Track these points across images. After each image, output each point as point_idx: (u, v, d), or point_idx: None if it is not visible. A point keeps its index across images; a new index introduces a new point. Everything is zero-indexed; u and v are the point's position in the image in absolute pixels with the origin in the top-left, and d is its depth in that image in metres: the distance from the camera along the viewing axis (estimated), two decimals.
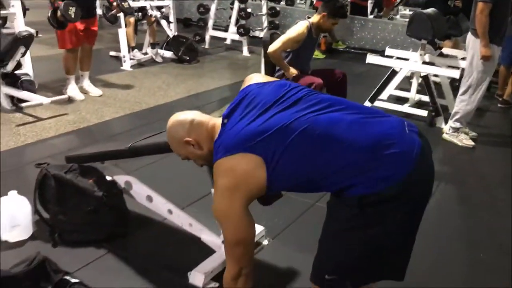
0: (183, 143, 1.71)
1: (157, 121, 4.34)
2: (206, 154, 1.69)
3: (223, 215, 1.56)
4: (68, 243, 2.47)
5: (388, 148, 1.43)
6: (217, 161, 1.55)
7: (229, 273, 1.61)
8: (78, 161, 2.64)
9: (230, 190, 1.51)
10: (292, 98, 1.56)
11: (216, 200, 1.56)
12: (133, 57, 6.18)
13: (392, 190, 1.42)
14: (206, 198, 3.03)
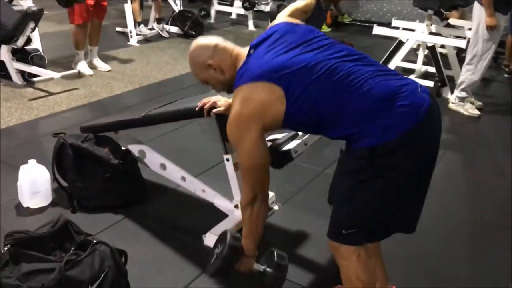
0: (205, 66, 1.72)
1: (166, 94, 4.41)
2: (227, 80, 1.72)
3: (239, 140, 1.61)
4: (86, 209, 2.58)
5: (399, 100, 1.49)
6: (240, 86, 1.59)
7: (245, 199, 1.70)
8: (93, 131, 2.72)
9: (249, 117, 1.55)
10: (319, 42, 1.61)
11: (233, 124, 1.60)
12: (139, 33, 6.21)
13: (400, 139, 1.47)
14: (217, 167, 3.11)
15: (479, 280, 2.29)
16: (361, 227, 1.61)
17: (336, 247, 1.66)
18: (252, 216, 1.71)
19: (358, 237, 1.62)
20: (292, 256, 2.35)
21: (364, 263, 1.64)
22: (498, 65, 5.97)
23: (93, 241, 1.99)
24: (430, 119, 1.52)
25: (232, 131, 1.62)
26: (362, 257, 1.64)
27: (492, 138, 4.15)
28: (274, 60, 1.56)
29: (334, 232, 1.66)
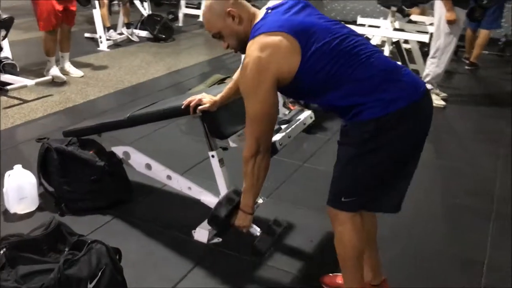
0: (224, 13, 1.70)
1: (143, 97, 4.45)
2: (242, 32, 1.72)
3: (251, 90, 1.65)
4: (75, 211, 2.60)
5: (401, 77, 1.63)
6: (258, 35, 1.62)
7: (249, 150, 1.75)
8: (77, 135, 2.75)
9: (268, 62, 1.59)
10: (331, 21, 1.71)
11: (246, 73, 1.63)
12: (109, 38, 6.21)
13: (401, 112, 1.59)
14: (200, 165, 3.20)
15: (456, 255, 2.45)
16: (359, 195, 1.73)
17: (334, 213, 1.78)
18: (254, 168, 1.76)
19: (355, 204, 1.74)
20: (279, 245, 2.46)
21: (358, 229, 1.77)
22: (459, 58, 6.24)
23: (87, 241, 2.04)
24: (426, 98, 1.67)
25: (248, 76, 1.63)
26: (357, 223, 1.77)
27: (458, 127, 4.35)
28: (294, 18, 1.65)
29: (334, 199, 1.77)
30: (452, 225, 2.74)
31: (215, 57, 6.07)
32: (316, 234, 2.54)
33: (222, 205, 1.92)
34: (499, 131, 4.10)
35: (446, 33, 4.41)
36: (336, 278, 2.17)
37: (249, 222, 1.92)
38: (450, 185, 3.18)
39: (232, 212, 1.91)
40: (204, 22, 1.80)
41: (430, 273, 2.32)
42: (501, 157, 3.61)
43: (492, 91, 5.30)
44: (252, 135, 1.73)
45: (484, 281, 2.27)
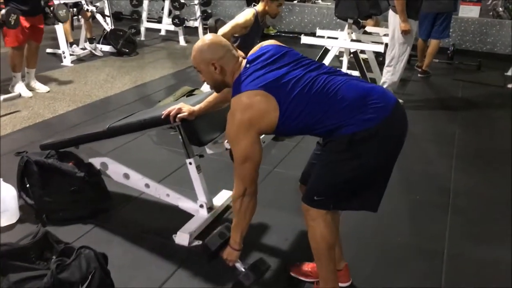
0: (208, 63, 1.93)
1: (112, 110, 4.52)
2: (220, 81, 1.97)
3: (235, 140, 1.87)
4: (56, 222, 2.66)
5: (372, 99, 1.81)
6: (238, 94, 1.85)
7: (236, 192, 1.96)
8: (54, 147, 2.81)
9: (249, 123, 1.81)
10: (303, 62, 1.91)
11: (232, 128, 1.85)
12: (72, 53, 6.22)
13: (375, 128, 1.79)
14: (175, 173, 3.31)
15: (418, 246, 2.67)
16: (329, 196, 1.92)
17: (307, 209, 1.97)
18: (242, 208, 1.97)
19: (326, 203, 1.93)
20: (256, 245, 2.61)
21: (329, 225, 1.96)
22: (412, 67, 6.59)
23: (75, 248, 2.12)
24: (397, 113, 1.85)
25: (232, 133, 1.87)
26: (327, 220, 1.95)
27: (414, 130, 4.60)
28: (270, 73, 1.84)
29: (308, 197, 1.96)
30: (413, 219, 2.97)
31: (180, 70, 6.18)
32: (290, 233, 2.70)
33: (214, 238, 2.12)
34: (451, 133, 4.41)
35: (400, 43, 4.71)
36: (302, 266, 2.35)
37: (235, 258, 2.09)
38: (410, 183, 3.41)
39: (223, 245, 2.11)
40: (192, 54, 1.99)
41: (394, 264, 2.52)
42: (454, 156, 3.89)
43: (443, 97, 5.66)
44: (238, 177, 1.93)
45: (445, 268, 2.48)
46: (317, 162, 1.96)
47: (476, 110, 5.15)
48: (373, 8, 6.05)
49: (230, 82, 1.95)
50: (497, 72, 6.71)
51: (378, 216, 2.80)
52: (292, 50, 1.98)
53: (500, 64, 6.92)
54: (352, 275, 2.29)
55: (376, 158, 1.85)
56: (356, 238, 2.64)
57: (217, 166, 3.34)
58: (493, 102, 5.47)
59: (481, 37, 7.87)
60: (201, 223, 2.65)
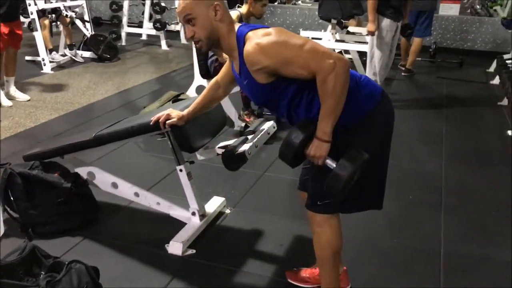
0: (210, 4, 1.73)
1: (96, 117, 4.43)
2: (218, 29, 1.75)
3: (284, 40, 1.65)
4: (43, 235, 2.57)
5: (361, 88, 1.78)
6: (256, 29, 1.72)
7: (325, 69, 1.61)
8: (38, 158, 2.72)
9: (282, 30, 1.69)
10: None
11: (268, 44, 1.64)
12: (52, 60, 6.09)
13: (365, 117, 1.76)
14: (164, 181, 3.25)
15: (414, 246, 2.64)
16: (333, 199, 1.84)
17: (313, 215, 1.91)
18: (337, 84, 1.61)
19: (330, 206, 1.87)
20: (251, 251, 2.55)
21: (335, 230, 1.91)
22: (396, 65, 6.61)
23: (65, 262, 2.04)
24: (385, 100, 1.83)
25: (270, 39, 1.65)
26: (334, 226, 1.90)
27: (401, 129, 4.62)
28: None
29: (311, 203, 1.90)
30: (408, 220, 2.94)
31: (163, 75, 6.10)
32: (285, 238, 2.65)
33: (295, 131, 1.69)
34: (438, 130, 4.41)
35: (376, 44, 4.73)
36: (300, 272, 2.29)
37: (325, 152, 1.70)
38: (402, 183, 3.39)
39: (306, 140, 1.70)
40: (182, 3, 1.77)
41: (392, 266, 2.49)
42: (443, 154, 3.89)
43: (427, 95, 5.68)
44: (317, 57, 1.62)
45: (443, 268, 2.46)
46: (312, 164, 1.88)
47: (462, 107, 5.18)
48: (355, 8, 6.07)
49: (229, 36, 1.76)
50: (479, 68, 6.78)
51: (372, 219, 2.79)
52: None
53: (481, 61, 6.99)
54: (351, 279, 2.25)
55: (370, 147, 1.79)
56: (353, 242, 2.60)
57: (207, 171, 3.28)
58: (477, 99, 5.51)
59: (462, 35, 7.95)
60: (194, 231, 2.59)
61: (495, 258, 2.56)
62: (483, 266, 2.49)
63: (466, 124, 4.67)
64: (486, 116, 4.91)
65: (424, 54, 6.97)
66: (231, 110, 4.11)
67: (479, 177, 3.51)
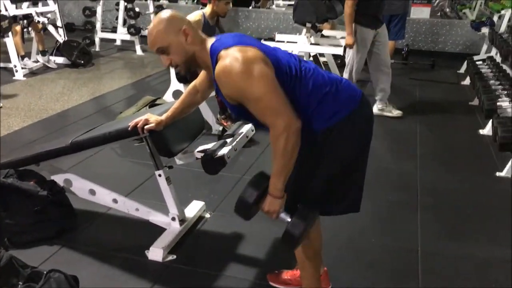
0: (178, 30, 1.75)
1: (71, 124, 4.36)
2: (191, 53, 1.79)
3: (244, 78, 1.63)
4: (20, 245, 2.51)
5: (340, 90, 1.79)
6: (226, 48, 1.68)
7: (275, 131, 1.66)
8: (13, 166, 2.67)
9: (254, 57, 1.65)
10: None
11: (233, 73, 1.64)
12: (24, 66, 5.98)
13: (344, 121, 1.78)
14: (142, 186, 3.22)
15: (393, 245, 2.68)
16: (313, 201, 1.87)
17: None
18: (287, 146, 1.66)
19: (311, 211, 1.85)
20: (233, 255, 2.55)
21: (315, 232, 1.93)
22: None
23: (43, 272, 2.01)
24: (363, 104, 1.85)
25: (237, 74, 1.64)
26: (313, 227, 1.89)
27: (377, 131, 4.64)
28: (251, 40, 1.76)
29: (290, 207, 1.86)
30: (385, 220, 2.98)
31: (138, 80, 6.05)
32: (266, 241, 2.66)
33: (250, 189, 1.76)
34: (412, 131, 4.49)
35: (354, 52, 4.68)
36: (281, 274, 2.30)
37: (279, 207, 1.76)
38: (379, 184, 3.43)
39: (261, 196, 1.76)
40: (151, 36, 1.80)
41: (372, 265, 2.52)
42: (418, 154, 3.96)
43: (401, 96, 5.75)
44: (271, 114, 1.66)
45: (421, 266, 2.50)
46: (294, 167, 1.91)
47: (434, 108, 5.28)
48: (329, 12, 6.13)
49: (201, 55, 1.79)
50: (450, 70, 6.92)
51: (351, 219, 2.80)
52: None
53: (452, 62, 7.14)
54: (331, 280, 2.27)
55: (349, 151, 1.83)
56: (332, 242, 2.62)
57: (185, 176, 3.27)
58: (449, 99, 5.62)
59: (433, 37, 8.11)
60: (174, 236, 2.57)
61: (472, 256, 2.62)
62: (461, 263, 2.55)
63: (439, 124, 4.76)
64: (458, 116, 5.02)
65: (397, 56, 7.08)
66: (209, 114, 4.11)
67: (453, 176, 3.59)
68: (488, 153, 3.97)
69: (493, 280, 2.42)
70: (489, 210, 3.12)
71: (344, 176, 1.87)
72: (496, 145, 3.45)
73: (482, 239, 2.78)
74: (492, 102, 3.95)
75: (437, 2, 9.82)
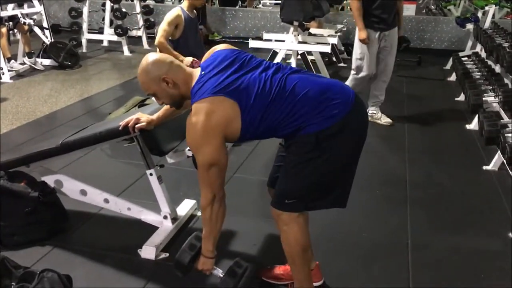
0: (159, 80, 1.87)
1: (59, 126, 4.35)
2: (177, 94, 1.91)
3: (203, 145, 1.79)
4: (11, 246, 2.51)
5: (332, 95, 1.82)
6: (200, 99, 1.78)
7: (204, 200, 1.90)
8: (3, 168, 2.66)
9: (214, 128, 1.76)
10: (254, 62, 1.88)
11: (194, 135, 1.79)
12: (11, 68, 5.93)
13: (337, 124, 1.80)
14: (133, 186, 3.22)
15: (383, 239, 2.72)
16: (301, 197, 1.90)
17: (278, 214, 1.94)
18: (212, 216, 1.91)
19: (298, 205, 1.91)
20: (224, 252, 2.56)
21: (302, 228, 1.96)
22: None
23: (36, 272, 2.01)
24: (357, 106, 1.87)
25: (196, 137, 1.80)
26: (300, 223, 1.94)
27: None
28: (227, 78, 1.79)
29: (278, 202, 1.93)
30: (375, 214, 3.02)
31: (127, 81, 6.03)
32: (257, 238, 2.69)
33: (185, 252, 2.02)
34: (400, 126, 4.54)
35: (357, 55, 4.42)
36: (274, 270, 2.33)
37: (211, 266, 2.03)
38: (369, 179, 3.47)
39: (195, 257, 2.03)
40: (140, 83, 1.93)
41: (363, 259, 2.56)
42: (406, 149, 4.02)
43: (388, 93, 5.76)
44: (204, 183, 1.87)
45: (411, 259, 2.54)
46: (284, 164, 1.94)
47: (421, 104, 5.35)
48: (316, 10, 6.17)
49: (187, 93, 1.90)
50: (436, 66, 7.01)
51: (342, 214, 2.84)
52: (244, 52, 1.95)
53: (438, 59, 7.23)
54: (323, 274, 2.30)
55: (342, 153, 1.86)
56: (323, 237, 2.66)
57: (177, 175, 3.28)
58: (436, 95, 5.70)
59: (419, 34, 8.20)
60: (166, 234, 2.59)
61: (460, 247, 2.66)
62: (450, 255, 2.59)
63: (426, 120, 4.82)
64: (445, 112, 5.08)
65: None
66: None
67: (441, 171, 3.65)
68: (475, 147, 4.04)
69: (482, 271, 2.47)
70: (477, 202, 3.18)
71: (335, 175, 1.90)
72: (483, 139, 3.51)
73: (470, 231, 2.83)
74: (477, 97, 4.01)
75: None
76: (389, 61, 4.52)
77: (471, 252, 2.62)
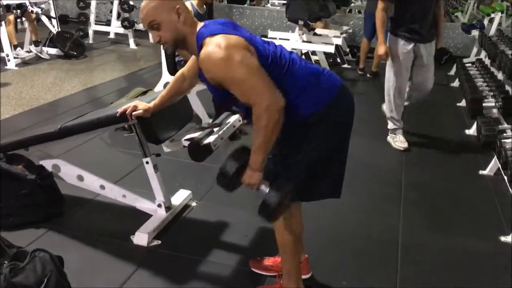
0: (171, 8, 1.76)
1: (62, 113, 4.39)
2: (182, 31, 1.80)
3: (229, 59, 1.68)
4: (7, 227, 2.53)
5: (322, 80, 1.85)
6: (211, 35, 1.73)
7: (258, 109, 1.70)
8: (2, 150, 2.69)
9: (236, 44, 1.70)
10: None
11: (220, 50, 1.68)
12: (17, 56, 5.98)
13: (322, 111, 1.82)
14: (130, 175, 3.25)
15: (374, 237, 2.74)
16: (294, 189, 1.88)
17: None
18: (269, 123, 1.70)
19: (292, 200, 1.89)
20: (216, 242, 2.60)
21: (295, 218, 1.99)
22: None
23: (28, 251, 2.04)
24: (344, 94, 1.90)
25: (219, 56, 1.68)
26: (294, 213, 1.97)
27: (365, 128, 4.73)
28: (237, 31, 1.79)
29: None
30: (368, 212, 3.04)
31: (131, 73, 6.08)
32: (248, 229, 2.71)
33: (231, 161, 1.80)
34: None
35: (392, 70, 4.00)
36: (263, 261, 2.36)
37: (258, 180, 1.80)
38: (364, 177, 3.49)
39: (241, 169, 1.80)
40: (144, 10, 1.80)
41: (352, 254, 2.58)
42: (404, 151, 4.02)
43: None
44: (253, 94, 1.70)
45: (400, 257, 2.56)
46: (270, 156, 1.90)
47: (423, 108, 5.33)
48: (322, 11, 6.20)
49: (192, 38, 1.81)
50: (440, 72, 6.99)
51: (333, 210, 2.87)
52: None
53: (443, 65, 7.22)
54: (312, 267, 2.33)
55: (327, 140, 1.87)
56: (314, 231, 2.68)
57: (173, 166, 3.31)
58: (438, 100, 5.68)
59: None
60: (159, 222, 2.62)
61: (451, 248, 2.68)
62: (440, 255, 2.61)
63: (426, 124, 4.83)
64: (445, 116, 5.10)
65: None
66: (199, 107, 4.14)
67: (437, 173, 3.66)
68: (473, 152, 4.05)
69: (471, 272, 2.49)
70: (470, 205, 3.20)
71: (325, 160, 1.91)
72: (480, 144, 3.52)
73: (462, 233, 2.85)
74: (478, 103, 4.02)
75: None
76: (424, 79, 4.11)
77: (460, 253, 2.64)
